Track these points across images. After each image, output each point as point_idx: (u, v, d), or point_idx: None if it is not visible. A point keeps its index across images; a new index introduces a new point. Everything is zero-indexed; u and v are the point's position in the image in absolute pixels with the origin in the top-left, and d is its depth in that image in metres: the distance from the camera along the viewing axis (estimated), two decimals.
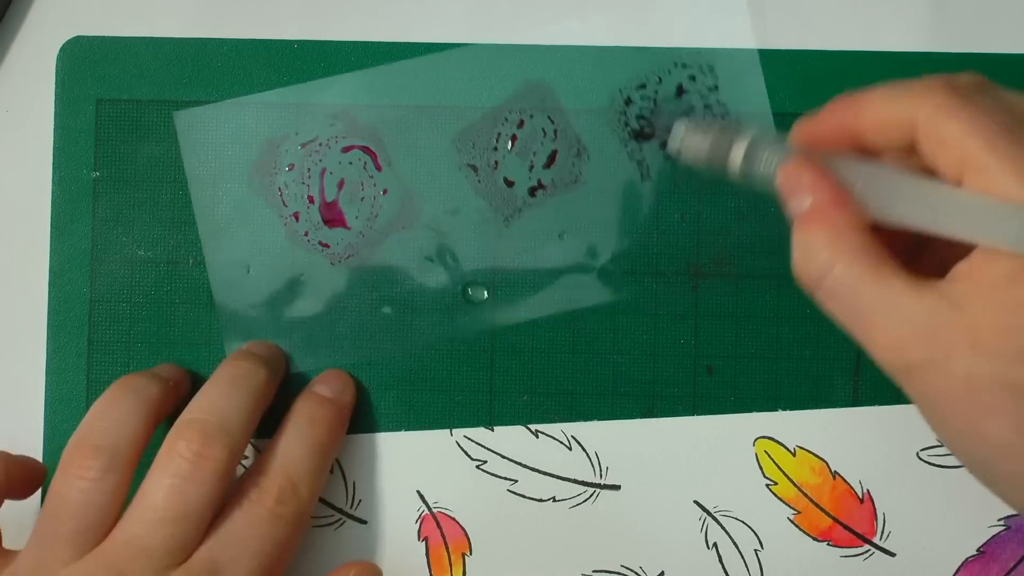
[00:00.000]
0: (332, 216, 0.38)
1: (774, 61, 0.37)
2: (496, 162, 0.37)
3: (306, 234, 0.38)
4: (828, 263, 0.28)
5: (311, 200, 0.38)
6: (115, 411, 0.33)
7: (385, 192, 0.38)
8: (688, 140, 0.31)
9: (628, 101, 0.37)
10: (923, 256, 0.31)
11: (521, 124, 0.37)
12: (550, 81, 0.37)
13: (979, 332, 0.26)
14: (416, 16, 0.38)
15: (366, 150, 0.38)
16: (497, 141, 0.37)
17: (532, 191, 0.37)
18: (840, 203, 0.29)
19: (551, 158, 0.37)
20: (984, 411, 0.27)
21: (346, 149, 0.38)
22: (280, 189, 0.38)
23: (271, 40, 0.38)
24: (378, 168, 0.38)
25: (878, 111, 0.29)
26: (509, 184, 0.37)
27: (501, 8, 0.38)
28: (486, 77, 0.37)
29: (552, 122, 0.37)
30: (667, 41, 0.37)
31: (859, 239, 0.28)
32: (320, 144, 0.38)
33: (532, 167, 0.37)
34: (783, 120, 0.37)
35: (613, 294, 0.37)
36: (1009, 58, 0.37)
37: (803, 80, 0.37)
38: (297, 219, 0.38)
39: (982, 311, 0.26)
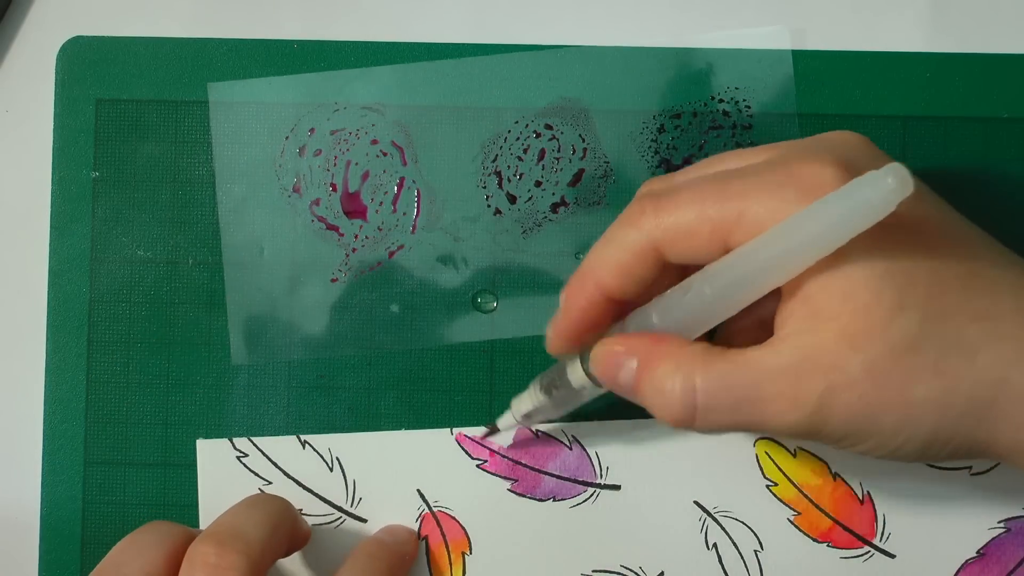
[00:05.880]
0: (353, 207, 0.38)
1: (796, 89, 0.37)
2: (522, 173, 0.37)
3: (324, 221, 0.38)
4: (687, 385, 0.28)
5: (334, 188, 0.38)
6: (136, 544, 0.33)
7: (408, 189, 0.38)
8: (533, 414, 0.34)
9: (661, 129, 0.37)
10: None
11: (552, 139, 0.37)
12: (586, 99, 0.37)
13: (845, 331, 0.27)
14: (417, 16, 0.38)
15: (394, 144, 0.38)
16: (525, 152, 0.37)
17: (554, 207, 0.37)
18: (659, 339, 0.29)
19: (577, 176, 0.37)
20: (906, 382, 0.27)
21: (374, 142, 0.38)
22: (304, 174, 0.38)
23: (271, 40, 0.38)
24: (404, 164, 0.38)
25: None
26: (532, 197, 0.37)
27: (502, 9, 0.38)
28: (522, 87, 0.37)
29: (583, 140, 0.37)
30: (702, 63, 0.37)
31: (695, 349, 0.29)
32: (349, 134, 0.38)
33: (557, 183, 0.37)
34: (783, 120, 0.37)
35: None
36: (1009, 58, 0.37)
37: (802, 80, 0.37)
38: (318, 205, 0.38)
39: (836, 317, 0.27)
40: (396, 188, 0.38)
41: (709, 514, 0.37)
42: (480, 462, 0.37)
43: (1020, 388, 0.27)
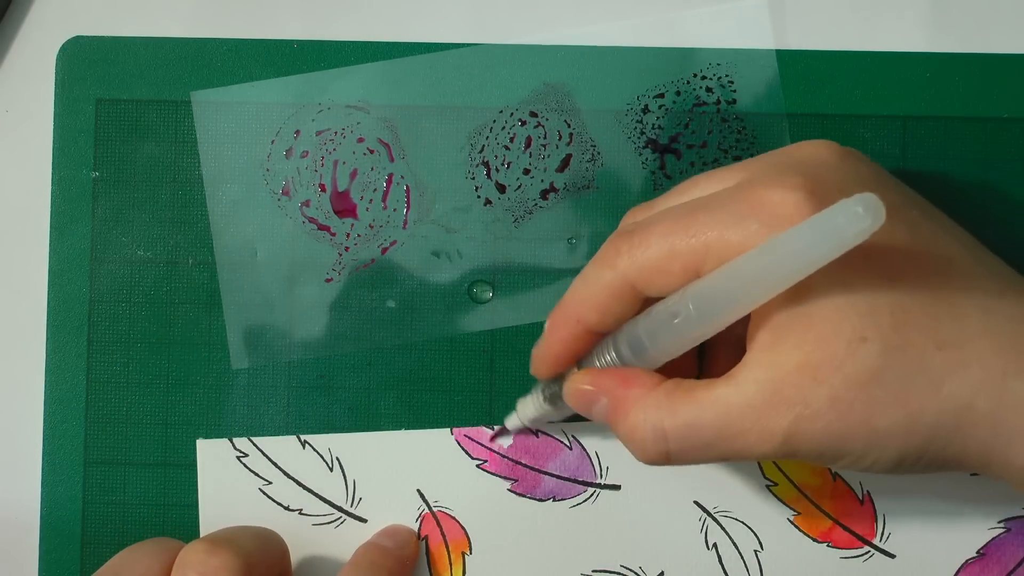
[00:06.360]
0: (343, 206, 0.38)
1: (776, 61, 0.37)
2: (510, 162, 0.37)
3: (315, 222, 0.38)
4: (658, 432, 0.29)
5: (323, 188, 0.38)
6: (134, 554, 0.33)
7: (397, 185, 0.38)
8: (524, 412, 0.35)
9: (646, 109, 0.37)
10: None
11: (537, 126, 0.37)
12: (569, 84, 0.37)
13: (808, 363, 0.27)
14: (418, 16, 0.38)
15: (381, 141, 0.38)
16: (512, 141, 0.37)
17: (544, 194, 0.37)
18: (627, 381, 0.30)
19: (565, 162, 0.37)
20: (869, 413, 0.27)
21: (361, 139, 0.38)
22: (292, 176, 0.38)
23: (271, 40, 0.38)
24: (391, 160, 0.38)
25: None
26: (521, 186, 0.37)
27: (503, 9, 0.38)
28: (505, 76, 0.38)
29: (568, 125, 0.37)
30: (684, 41, 0.37)
31: (663, 391, 0.30)
32: (335, 133, 0.38)
33: (546, 170, 0.37)
34: (782, 120, 0.37)
35: None
36: (1009, 58, 0.37)
37: (802, 80, 0.37)
38: (308, 206, 0.38)
39: (799, 347, 0.27)
40: (385, 184, 0.38)
41: (709, 514, 0.37)
42: (480, 462, 0.37)
43: (985, 413, 0.27)
